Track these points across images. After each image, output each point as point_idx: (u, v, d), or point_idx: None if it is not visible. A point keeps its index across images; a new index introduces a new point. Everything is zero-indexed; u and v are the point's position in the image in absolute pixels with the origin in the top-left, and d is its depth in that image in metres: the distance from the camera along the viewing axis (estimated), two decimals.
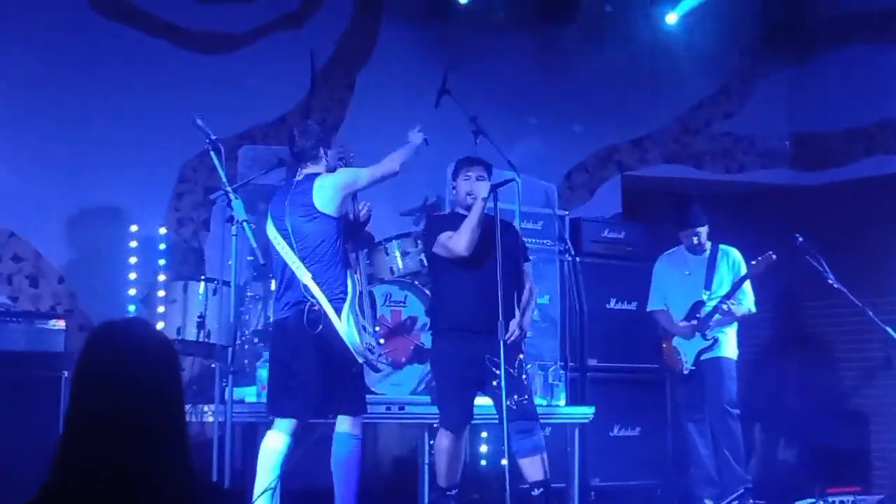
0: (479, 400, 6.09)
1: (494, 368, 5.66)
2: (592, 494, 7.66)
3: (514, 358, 5.89)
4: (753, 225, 8.89)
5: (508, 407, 5.73)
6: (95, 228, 7.57)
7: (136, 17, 7.90)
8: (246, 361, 6.66)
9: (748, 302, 7.46)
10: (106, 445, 2.16)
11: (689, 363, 7.42)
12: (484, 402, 6.10)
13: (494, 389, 5.73)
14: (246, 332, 6.76)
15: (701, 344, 7.38)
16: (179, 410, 2.29)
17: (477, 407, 6.10)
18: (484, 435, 7.36)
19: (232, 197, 5.46)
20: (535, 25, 9.17)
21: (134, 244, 7.53)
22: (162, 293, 6.98)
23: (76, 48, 7.70)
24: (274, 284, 6.70)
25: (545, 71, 9.19)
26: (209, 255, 7.71)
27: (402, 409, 6.69)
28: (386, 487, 7.36)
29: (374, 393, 6.58)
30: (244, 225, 5.41)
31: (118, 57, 7.77)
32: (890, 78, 9.28)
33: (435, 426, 6.64)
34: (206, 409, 6.29)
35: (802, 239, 7.25)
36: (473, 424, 6.24)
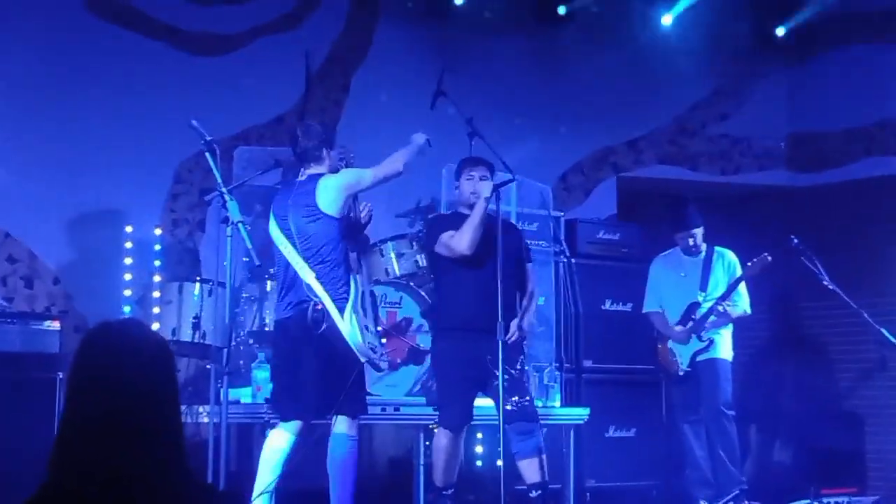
0: (478, 401, 6.08)
1: (495, 369, 5.64)
2: (588, 495, 7.65)
3: (515, 359, 5.88)
4: (749, 227, 8.88)
5: (510, 408, 5.73)
6: (91, 229, 7.56)
7: (131, 18, 7.89)
8: (241, 362, 6.65)
9: (743, 303, 7.47)
10: (101, 447, 2.15)
11: (684, 364, 7.42)
12: (483, 403, 6.10)
13: (495, 390, 5.71)
14: (241, 333, 6.76)
15: (696, 345, 7.38)
16: (175, 411, 2.29)
17: (476, 408, 6.08)
18: (479, 436, 7.35)
19: (227, 198, 5.45)
20: (531, 26, 9.18)
21: (129, 245, 7.53)
22: (157, 294, 6.99)
23: (71, 49, 7.69)
24: (270, 285, 6.76)
25: (541, 72, 9.19)
26: (204, 256, 7.71)
27: (397, 410, 6.68)
28: (381, 488, 7.35)
29: (369, 394, 6.56)
30: (239, 226, 5.40)
31: (114, 58, 7.77)
32: (888, 78, 9.28)
33: (431, 427, 6.64)
34: (201, 410, 6.29)
35: (798, 240, 7.26)
36: (470, 425, 6.22)
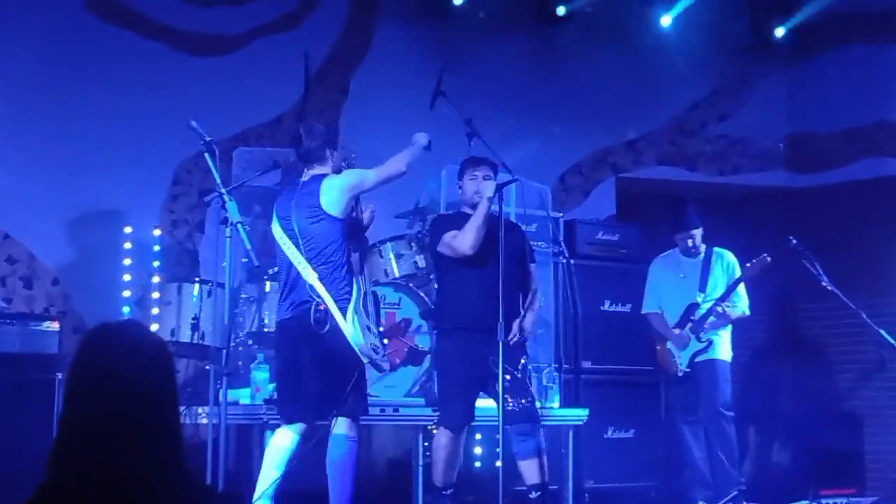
0: (480, 402, 6.06)
1: (497, 369, 5.61)
2: (586, 496, 7.64)
3: (518, 359, 5.88)
4: (748, 227, 8.88)
5: (511, 409, 5.73)
6: (90, 230, 7.56)
7: (131, 18, 7.89)
8: (240, 363, 6.65)
9: (742, 304, 7.47)
10: (100, 448, 2.15)
11: (683, 365, 7.42)
12: (485, 403, 6.09)
13: (497, 390, 5.70)
14: (240, 334, 6.76)
15: (695, 346, 7.38)
16: (173, 412, 2.29)
17: (478, 409, 6.07)
18: (478, 437, 7.35)
19: (226, 199, 5.45)
20: (530, 27, 9.18)
21: (128, 246, 7.53)
22: (156, 295, 6.99)
23: (70, 49, 7.69)
24: (269, 286, 6.76)
25: (540, 73, 9.19)
26: (203, 256, 7.71)
27: (396, 411, 6.67)
28: (380, 489, 7.35)
29: (369, 395, 6.57)
30: (238, 227, 5.40)
31: (113, 58, 7.77)
32: (887, 79, 9.28)
33: (430, 427, 6.64)
34: (200, 411, 6.29)
35: (796, 241, 7.26)
36: (471, 426, 6.21)
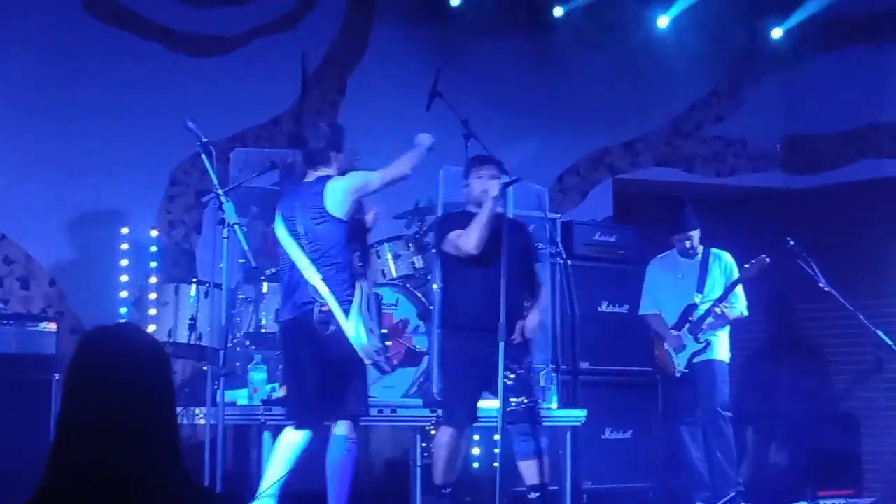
0: (483, 402, 6.05)
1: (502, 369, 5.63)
2: (584, 497, 7.63)
3: (522, 359, 5.87)
4: (745, 228, 8.88)
5: (514, 409, 5.73)
6: (87, 231, 7.56)
7: (129, 19, 7.89)
8: (237, 364, 6.64)
9: (741, 305, 7.47)
10: (98, 449, 2.15)
11: (681, 366, 7.42)
12: (488, 404, 6.07)
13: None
14: (237, 334, 6.75)
15: (694, 347, 7.38)
16: (171, 413, 2.28)
17: (480, 409, 6.05)
18: (476, 437, 7.34)
19: (223, 200, 5.46)
20: (527, 28, 9.17)
21: (125, 246, 7.53)
22: (153, 296, 6.99)
23: (67, 50, 7.69)
24: (266, 287, 6.75)
25: (537, 73, 9.18)
26: (201, 257, 7.71)
27: (394, 411, 6.66)
28: (378, 490, 7.34)
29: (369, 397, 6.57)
30: (235, 228, 5.40)
31: (110, 59, 7.77)
32: (883, 81, 9.29)
33: (427, 428, 6.63)
34: (197, 411, 6.28)
35: (794, 242, 7.26)
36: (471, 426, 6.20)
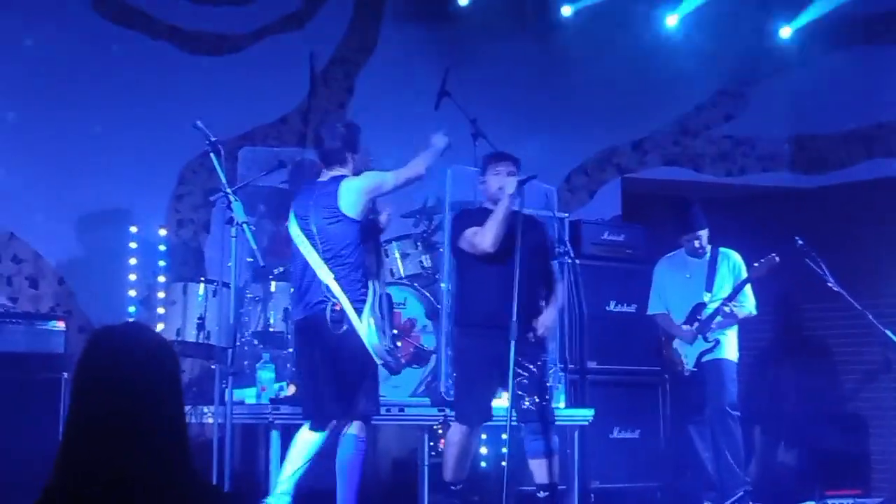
0: (495, 402, 6.05)
1: (517, 367, 5.61)
2: (592, 497, 7.64)
3: (537, 357, 5.87)
4: (753, 228, 8.87)
5: (527, 407, 5.74)
6: (95, 230, 7.58)
7: (137, 18, 7.91)
8: (245, 363, 6.66)
9: (749, 304, 7.45)
10: (106, 448, 2.16)
11: (690, 365, 7.41)
12: (499, 403, 6.06)
13: (516, 387, 5.68)
14: (245, 333, 6.77)
15: (702, 346, 7.37)
16: (179, 412, 2.29)
17: (495, 409, 6.03)
18: (484, 436, 7.34)
19: (232, 199, 5.46)
20: (535, 27, 9.16)
21: (134, 245, 7.54)
22: (162, 295, 7.00)
23: (78, 49, 7.70)
24: (274, 286, 6.76)
25: (545, 73, 9.16)
26: (209, 256, 7.72)
27: (401, 410, 6.67)
28: (386, 489, 7.35)
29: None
30: (244, 227, 5.41)
31: (119, 58, 7.79)
32: (892, 80, 9.26)
33: (435, 427, 6.64)
34: (205, 410, 6.30)
35: (802, 242, 7.25)
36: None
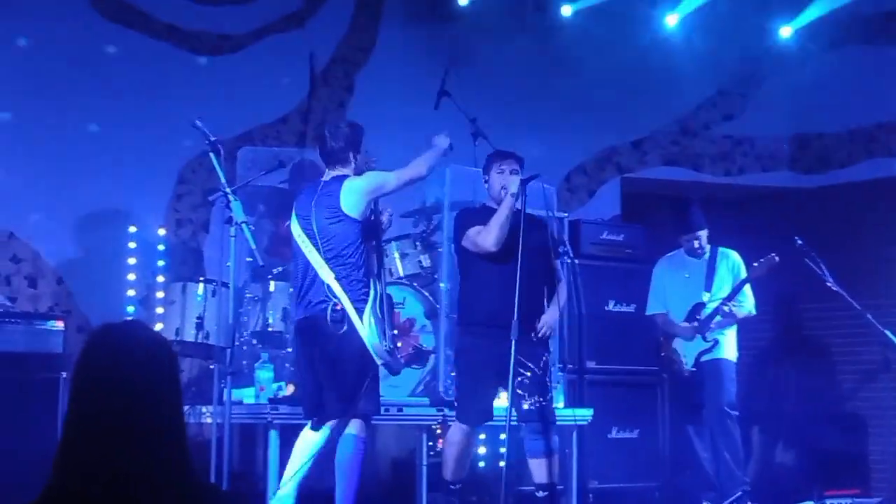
0: (497, 402, 6.05)
1: (519, 367, 5.62)
2: (590, 496, 7.64)
3: (540, 356, 5.86)
4: (753, 228, 8.87)
5: (528, 408, 5.74)
6: (94, 229, 7.57)
7: (136, 17, 7.90)
8: (244, 363, 6.66)
9: (749, 304, 7.45)
10: (105, 448, 2.16)
11: (689, 365, 7.41)
12: (500, 403, 6.06)
13: (518, 386, 5.69)
14: (244, 333, 6.76)
15: (701, 346, 7.37)
16: (178, 412, 2.29)
17: (496, 409, 6.03)
18: (482, 437, 7.34)
19: (231, 198, 5.46)
20: (535, 26, 9.16)
21: (133, 245, 7.54)
22: (161, 294, 6.99)
23: (76, 49, 7.70)
24: (273, 286, 6.76)
25: (545, 72, 9.15)
26: (208, 256, 7.72)
27: (400, 410, 6.66)
28: (385, 489, 7.34)
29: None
30: (243, 226, 5.41)
31: (118, 57, 7.79)
32: (892, 79, 9.26)
33: (434, 427, 6.63)
34: (204, 410, 6.29)
35: (802, 241, 7.25)
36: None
